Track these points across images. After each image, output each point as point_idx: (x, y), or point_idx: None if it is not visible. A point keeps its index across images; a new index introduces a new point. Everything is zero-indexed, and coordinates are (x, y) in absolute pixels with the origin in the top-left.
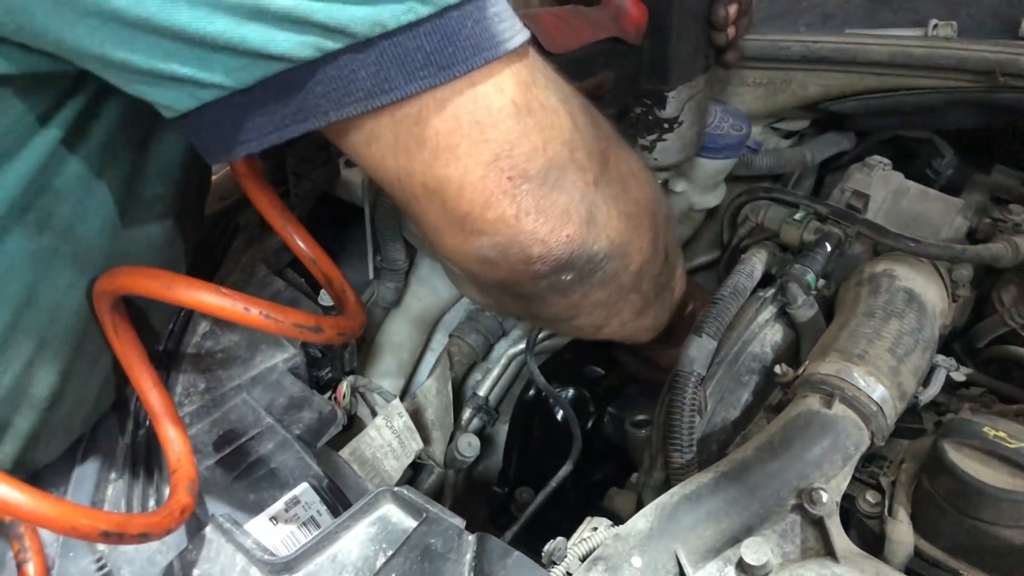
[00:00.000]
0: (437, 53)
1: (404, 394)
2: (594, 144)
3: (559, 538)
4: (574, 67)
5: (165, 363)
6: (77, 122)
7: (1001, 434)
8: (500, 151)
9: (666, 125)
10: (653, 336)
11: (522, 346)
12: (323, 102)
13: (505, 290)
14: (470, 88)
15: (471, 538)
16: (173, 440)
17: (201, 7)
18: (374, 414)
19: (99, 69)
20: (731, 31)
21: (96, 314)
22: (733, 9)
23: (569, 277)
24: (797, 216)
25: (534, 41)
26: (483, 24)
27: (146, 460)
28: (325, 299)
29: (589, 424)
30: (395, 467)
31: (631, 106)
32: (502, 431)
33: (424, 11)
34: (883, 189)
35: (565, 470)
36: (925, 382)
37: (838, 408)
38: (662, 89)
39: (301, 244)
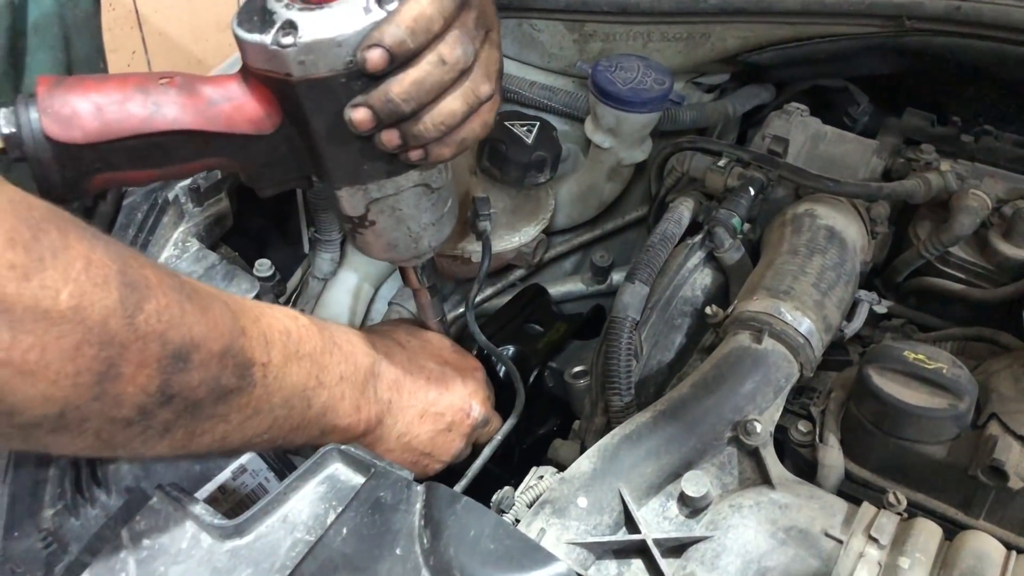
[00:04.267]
0: None
1: None
2: None
3: (506, 487)
4: (137, 152)
5: None
6: None
7: (920, 357)
8: None
9: (356, 220)
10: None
11: (462, 309)
12: None
13: None
14: None
15: (419, 488)
16: None
17: None
18: None
19: None
20: (389, 137)
21: None
22: (362, 115)
23: None
24: (720, 163)
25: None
26: None
27: None
28: (262, 270)
29: (531, 380)
30: None
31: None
32: None
33: None
34: (802, 134)
35: (510, 423)
36: (849, 316)
37: (768, 343)
38: (326, 186)
39: None
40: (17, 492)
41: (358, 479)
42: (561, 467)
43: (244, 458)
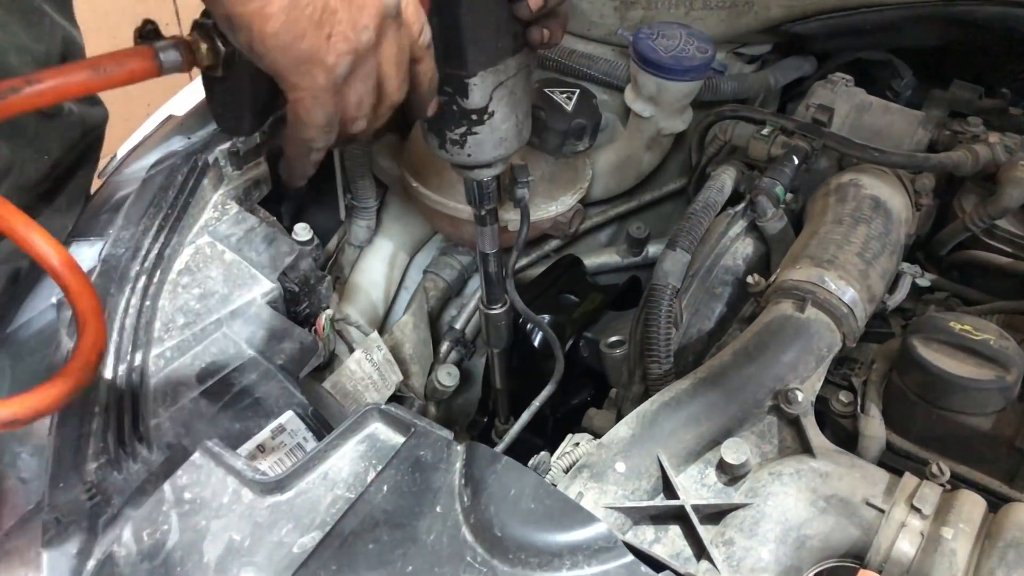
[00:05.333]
0: None
1: (381, 331)
2: None
3: (543, 452)
4: None
5: (141, 302)
6: None
7: (967, 328)
8: None
9: (474, 116)
10: None
11: None
12: None
13: None
14: None
15: (460, 448)
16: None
17: None
18: (352, 352)
19: None
20: (534, 1)
21: None
22: None
23: None
24: (764, 131)
25: None
26: None
27: (131, 392)
28: (301, 234)
29: (566, 350)
30: (376, 399)
31: None
32: (479, 365)
33: None
34: (846, 104)
35: (549, 389)
36: (892, 288)
37: (810, 312)
38: (460, 75)
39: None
40: (62, 445)
41: (398, 438)
42: (596, 435)
43: (283, 417)
